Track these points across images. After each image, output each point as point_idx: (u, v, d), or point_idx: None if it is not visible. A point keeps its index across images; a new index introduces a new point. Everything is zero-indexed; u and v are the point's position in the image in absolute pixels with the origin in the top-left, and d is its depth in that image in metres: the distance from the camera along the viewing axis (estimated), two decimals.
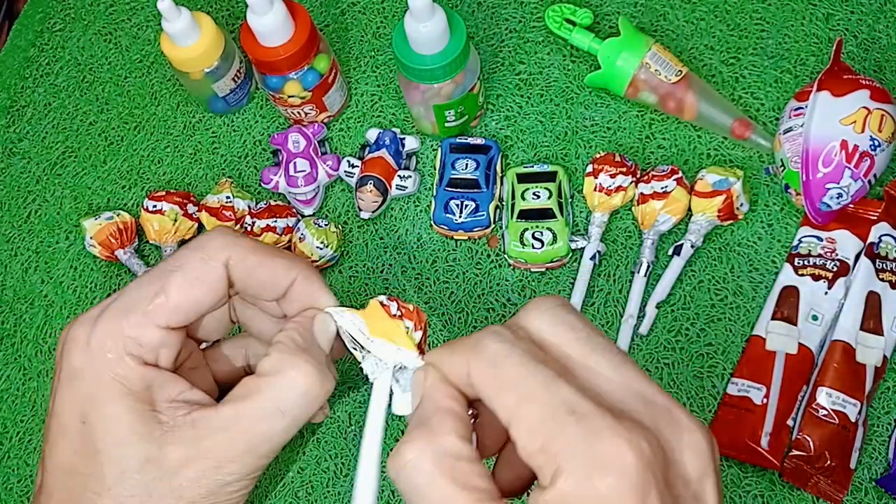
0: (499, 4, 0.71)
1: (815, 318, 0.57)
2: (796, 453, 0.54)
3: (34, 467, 0.62)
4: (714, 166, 0.61)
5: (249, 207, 0.65)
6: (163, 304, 0.34)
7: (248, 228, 0.64)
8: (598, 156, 0.63)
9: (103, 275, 0.67)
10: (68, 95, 0.74)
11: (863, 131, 0.55)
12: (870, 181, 0.57)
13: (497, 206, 0.63)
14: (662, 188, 0.60)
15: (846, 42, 0.65)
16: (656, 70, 0.62)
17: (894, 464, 0.54)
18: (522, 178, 0.63)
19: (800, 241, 0.59)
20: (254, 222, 0.63)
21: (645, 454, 0.27)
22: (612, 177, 0.61)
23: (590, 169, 0.62)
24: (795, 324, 0.57)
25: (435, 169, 0.65)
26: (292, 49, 0.61)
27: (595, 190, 0.61)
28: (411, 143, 0.66)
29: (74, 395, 0.34)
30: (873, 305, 0.56)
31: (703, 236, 0.60)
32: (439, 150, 0.65)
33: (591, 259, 0.61)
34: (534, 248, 0.60)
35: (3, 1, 0.88)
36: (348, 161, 0.65)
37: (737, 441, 0.55)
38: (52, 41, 0.76)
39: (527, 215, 0.61)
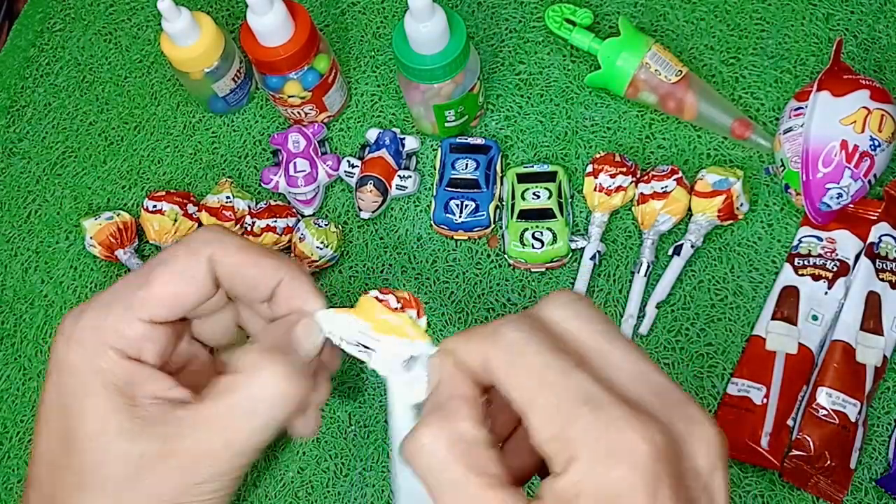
0: (499, 4, 0.71)
1: (815, 318, 0.57)
2: (796, 453, 0.54)
3: None
4: (714, 166, 0.61)
5: (249, 207, 0.65)
6: (145, 297, 0.34)
7: (248, 228, 0.64)
8: (598, 156, 0.63)
9: (103, 275, 0.67)
10: (68, 95, 0.74)
11: (863, 131, 0.55)
12: (870, 181, 0.57)
13: (497, 206, 0.63)
14: (662, 188, 0.60)
15: (846, 42, 0.65)
16: (656, 70, 0.62)
17: (894, 464, 0.54)
18: (522, 178, 0.63)
19: (800, 241, 0.59)
20: (254, 222, 0.63)
21: (658, 446, 0.27)
22: (612, 177, 0.61)
23: (590, 169, 0.62)
24: (795, 324, 0.57)
25: (435, 169, 0.65)
26: (292, 49, 0.61)
27: (595, 190, 0.61)
28: (411, 143, 0.66)
29: (57, 387, 0.34)
30: (873, 305, 0.56)
31: (703, 236, 0.60)
32: (439, 150, 0.65)
33: (591, 259, 0.61)
34: (534, 248, 0.60)
35: (3, 1, 0.88)
36: (348, 161, 0.65)
37: (737, 441, 0.55)
38: (52, 41, 0.76)
39: (527, 215, 0.61)
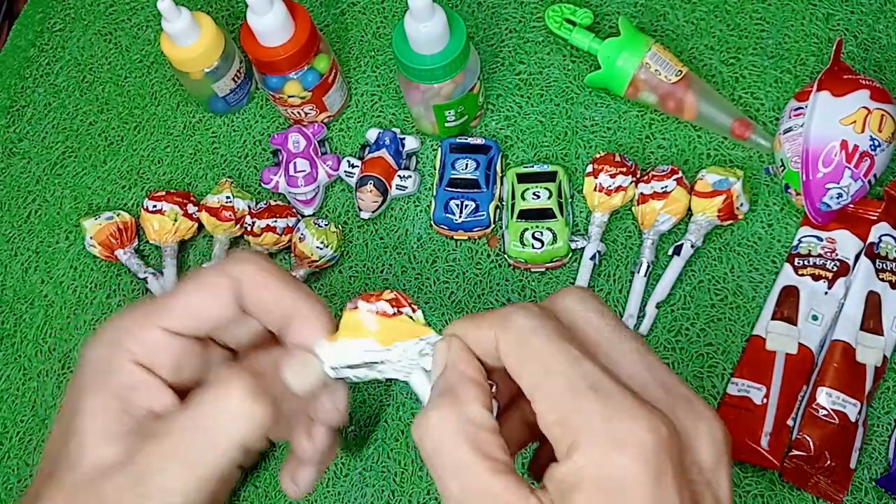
0: (499, 4, 0.71)
1: (815, 318, 0.57)
2: (796, 453, 0.54)
3: (34, 467, 0.62)
4: (714, 166, 0.61)
5: (249, 207, 0.65)
6: (167, 306, 0.35)
7: (248, 228, 0.64)
8: (598, 156, 0.62)
9: (103, 275, 0.67)
10: (68, 95, 0.74)
11: (863, 131, 0.55)
12: (870, 181, 0.57)
13: (497, 206, 0.63)
14: (662, 188, 0.60)
15: (846, 42, 0.65)
16: (656, 70, 0.62)
17: (894, 464, 0.54)
18: (522, 178, 0.63)
19: (800, 241, 0.59)
20: (254, 222, 0.63)
21: (663, 437, 0.27)
22: (612, 177, 0.61)
23: (590, 169, 0.62)
24: (795, 324, 0.57)
25: (435, 169, 0.65)
26: (292, 49, 0.61)
27: (595, 190, 0.61)
28: (411, 143, 0.66)
29: (70, 386, 0.34)
30: (873, 305, 0.56)
31: (703, 236, 0.60)
32: (439, 150, 0.65)
33: (591, 259, 0.61)
34: (534, 248, 0.60)
35: (3, 1, 0.88)
36: (348, 161, 0.65)
37: (737, 441, 0.55)
38: (52, 41, 0.76)
39: (527, 215, 0.61)
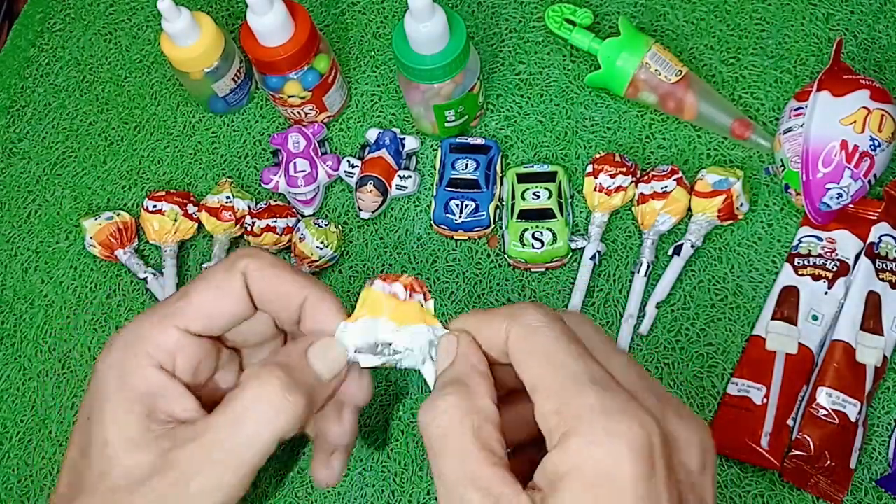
0: (499, 4, 0.71)
1: (815, 318, 0.57)
2: (796, 453, 0.54)
3: (34, 467, 0.62)
4: (714, 166, 0.61)
5: (249, 207, 0.65)
6: (182, 307, 0.35)
7: (248, 228, 0.64)
8: (598, 156, 0.62)
9: (103, 275, 0.67)
10: (68, 95, 0.74)
11: (863, 131, 0.55)
12: (870, 181, 0.57)
13: (497, 206, 0.63)
14: (662, 188, 0.60)
15: (846, 42, 0.65)
16: (656, 70, 0.62)
17: (894, 464, 0.54)
18: (522, 178, 0.63)
19: (800, 241, 0.59)
20: (254, 222, 0.63)
21: (654, 437, 0.29)
22: (612, 177, 0.61)
23: (590, 169, 0.62)
24: (795, 324, 0.57)
25: (435, 169, 0.65)
26: (292, 49, 0.61)
27: (595, 190, 0.61)
28: (411, 143, 0.66)
29: (88, 394, 0.34)
30: (873, 305, 0.56)
31: (703, 236, 0.60)
32: (439, 150, 0.65)
33: (591, 259, 0.61)
34: (534, 248, 0.60)
35: (3, 1, 0.88)
36: (348, 161, 0.65)
37: (737, 441, 0.55)
38: (52, 41, 0.76)
39: (527, 215, 0.61)
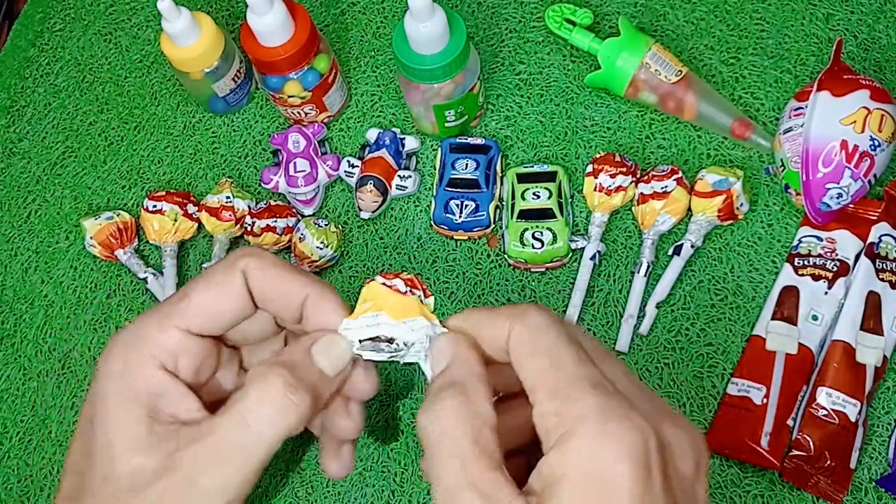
0: (499, 4, 0.71)
1: (815, 318, 0.57)
2: (796, 453, 0.54)
3: (34, 467, 0.62)
4: (714, 166, 0.61)
5: (249, 207, 0.65)
6: (183, 308, 0.35)
7: (248, 228, 0.64)
8: (598, 156, 0.63)
9: (103, 275, 0.67)
10: (68, 95, 0.74)
11: (863, 131, 0.55)
12: (870, 181, 0.57)
13: (497, 206, 0.63)
14: (662, 188, 0.60)
15: (846, 42, 0.65)
16: (656, 70, 0.62)
17: (894, 464, 0.54)
18: (522, 178, 0.63)
19: (800, 241, 0.59)
20: (254, 222, 0.63)
21: (651, 442, 0.29)
22: (612, 177, 0.61)
23: (590, 169, 0.62)
24: (795, 324, 0.57)
25: (435, 169, 0.65)
26: (292, 49, 0.61)
27: (595, 190, 0.61)
28: (411, 143, 0.66)
29: (90, 397, 0.34)
30: (873, 305, 0.56)
31: (703, 236, 0.60)
32: (439, 150, 0.65)
33: (591, 259, 0.61)
34: (534, 248, 0.60)
35: (3, 1, 0.88)
36: (348, 161, 0.65)
37: (737, 441, 0.55)
38: (52, 41, 0.76)
39: (527, 215, 0.61)
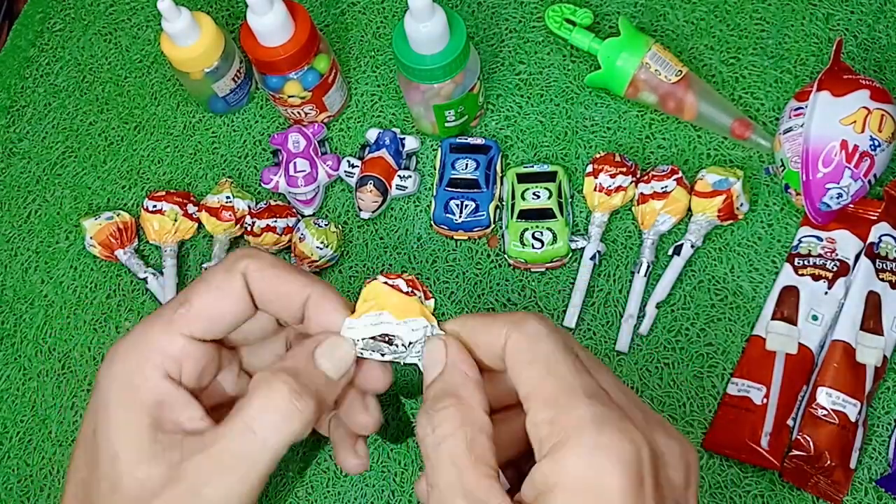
0: (499, 4, 0.71)
1: (815, 318, 0.57)
2: (796, 453, 0.54)
3: (34, 467, 0.62)
4: (714, 166, 0.61)
5: (249, 207, 0.65)
6: (185, 313, 0.35)
7: (248, 228, 0.64)
8: (598, 156, 0.63)
9: (103, 275, 0.67)
10: (68, 95, 0.74)
11: (863, 131, 0.55)
12: (870, 181, 0.57)
13: (497, 206, 0.63)
14: (662, 188, 0.60)
15: (846, 42, 0.65)
16: (656, 70, 0.62)
17: (894, 464, 0.54)
18: (522, 178, 0.63)
19: (800, 241, 0.59)
20: (254, 222, 0.63)
21: (643, 453, 0.29)
22: (612, 177, 0.61)
23: (590, 169, 0.62)
24: (795, 324, 0.57)
25: (435, 169, 0.65)
26: (292, 49, 0.61)
27: (595, 190, 0.61)
28: (411, 143, 0.66)
29: (92, 406, 0.34)
30: (873, 305, 0.56)
31: (703, 236, 0.60)
32: (439, 150, 0.65)
33: (591, 259, 0.61)
34: (534, 248, 0.60)
35: (3, 1, 0.88)
36: (348, 161, 0.65)
37: (737, 441, 0.55)
38: (52, 41, 0.76)
39: (527, 215, 0.61)
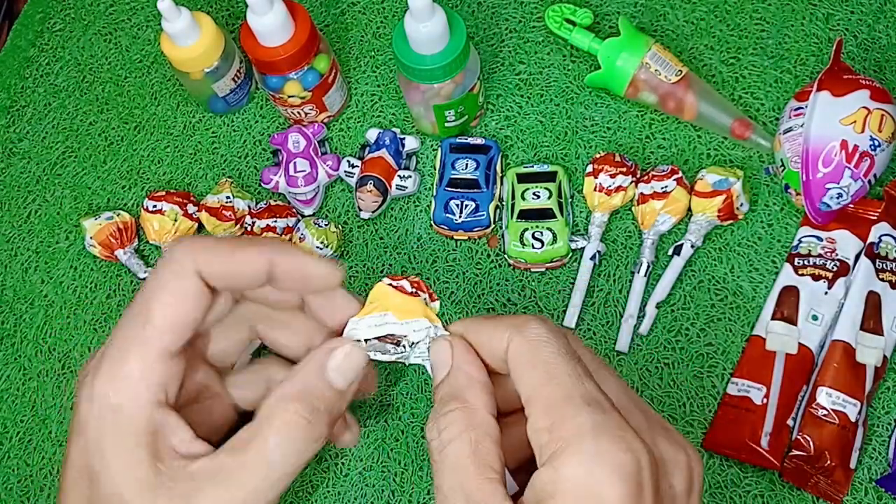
0: (499, 4, 0.71)
1: (815, 318, 0.57)
2: (796, 453, 0.54)
3: (34, 467, 0.62)
4: (714, 166, 0.61)
5: (249, 207, 0.65)
6: (152, 330, 0.33)
7: (248, 228, 0.64)
8: (598, 156, 0.63)
9: (103, 275, 0.67)
10: (68, 95, 0.74)
11: (863, 131, 0.55)
12: (870, 181, 0.57)
13: (497, 206, 0.63)
14: (662, 188, 0.60)
15: (846, 42, 0.65)
16: (656, 70, 0.62)
17: (894, 464, 0.54)
18: (522, 178, 0.63)
19: (800, 241, 0.59)
20: (254, 222, 0.63)
21: (644, 461, 0.29)
22: (612, 177, 0.61)
23: (590, 169, 0.62)
24: (795, 324, 0.57)
25: (435, 169, 0.65)
26: (292, 49, 0.61)
27: (595, 190, 0.61)
28: (411, 143, 0.66)
29: (83, 447, 0.33)
30: (873, 305, 0.56)
31: (703, 236, 0.60)
32: (439, 150, 0.65)
33: (591, 259, 0.61)
34: (534, 248, 0.60)
35: (3, 1, 0.88)
36: (348, 161, 0.65)
37: (737, 441, 0.55)
38: (52, 41, 0.76)
39: (527, 215, 0.61)
